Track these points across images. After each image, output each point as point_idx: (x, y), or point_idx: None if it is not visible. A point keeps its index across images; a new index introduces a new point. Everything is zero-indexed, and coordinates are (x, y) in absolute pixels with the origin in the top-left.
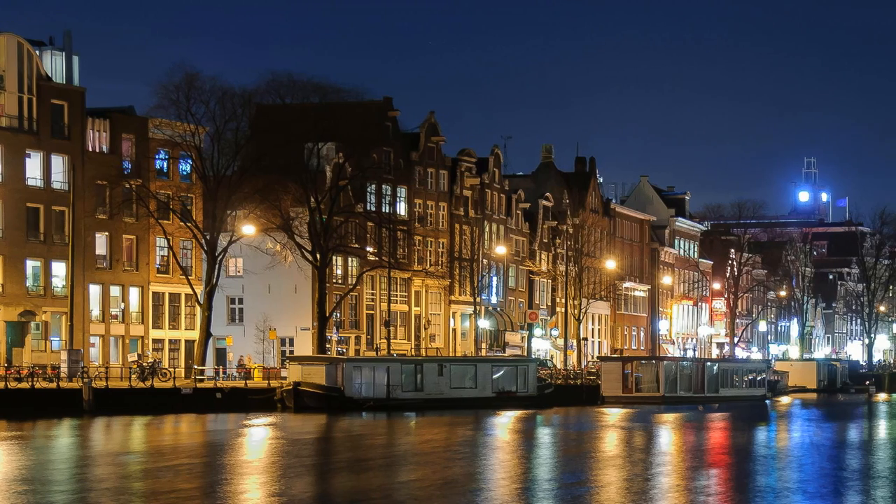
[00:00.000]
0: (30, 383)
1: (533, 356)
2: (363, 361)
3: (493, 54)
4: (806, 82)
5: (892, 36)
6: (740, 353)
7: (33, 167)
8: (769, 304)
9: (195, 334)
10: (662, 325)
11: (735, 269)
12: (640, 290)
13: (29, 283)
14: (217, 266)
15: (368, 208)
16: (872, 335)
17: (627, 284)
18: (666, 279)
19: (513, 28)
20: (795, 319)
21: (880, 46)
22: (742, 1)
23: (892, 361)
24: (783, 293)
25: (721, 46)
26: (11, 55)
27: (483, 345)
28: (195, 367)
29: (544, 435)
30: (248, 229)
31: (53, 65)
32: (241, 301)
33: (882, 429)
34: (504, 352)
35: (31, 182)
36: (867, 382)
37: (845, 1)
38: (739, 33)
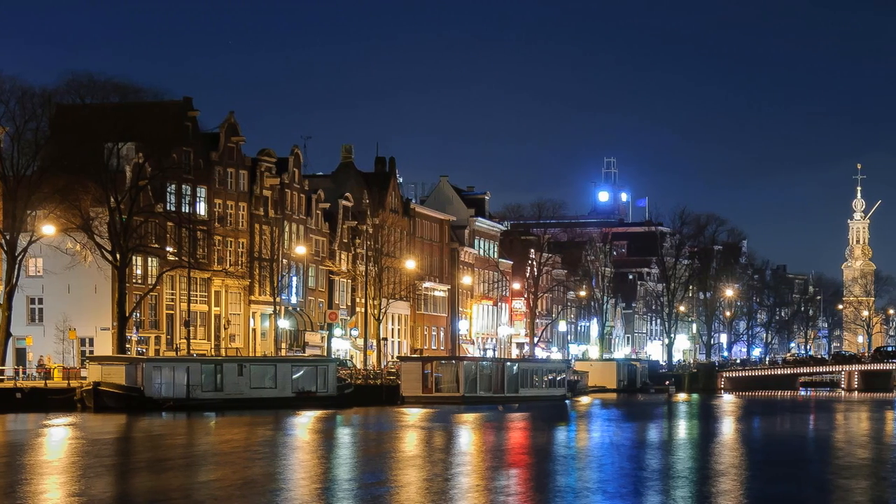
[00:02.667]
0: None
1: (333, 356)
2: (163, 361)
3: (293, 54)
4: (605, 82)
5: (691, 37)
6: (540, 353)
7: None
8: (569, 304)
9: None
10: (462, 325)
11: (535, 269)
12: (440, 290)
13: None
14: (17, 266)
15: (168, 208)
16: (672, 335)
17: (427, 284)
18: (466, 279)
19: (313, 28)
20: (595, 319)
21: (679, 47)
22: (543, 0)
23: (691, 361)
24: (583, 293)
25: (519, 46)
26: None
27: (283, 345)
28: None
29: (344, 435)
30: (48, 229)
31: None
32: (41, 301)
33: (682, 429)
34: (304, 352)
35: None
36: (667, 382)
37: (643, 1)
38: (537, 32)
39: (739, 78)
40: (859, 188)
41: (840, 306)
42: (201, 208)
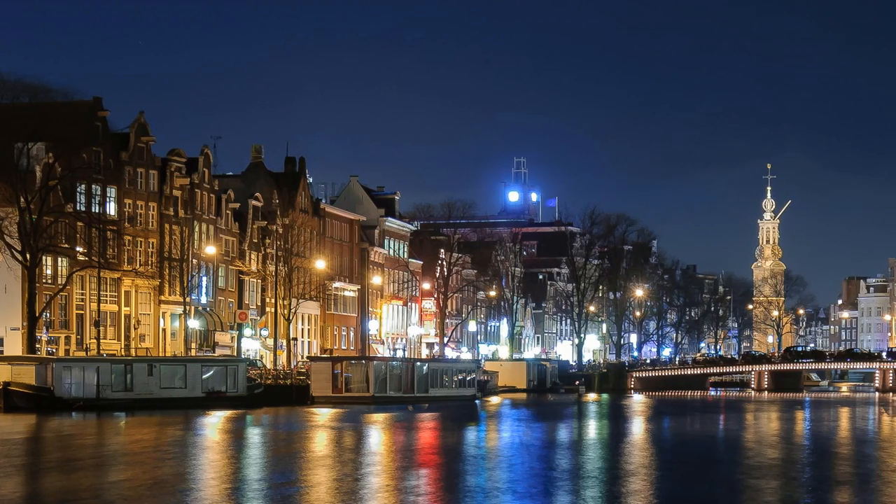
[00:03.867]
0: None
1: (243, 356)
2: (73, 361)
3: (203, 54)
4: (515, 82)
5: (598, 37)
6: (450, 353)
7: None
8: (479, 304)
9: None
10: (372, 325)
11: (445, 269)
12: (349, 290)
13: None
14: None
15: (78, 208)
16: (582, 335)
17: (337, 284)
18: (376, 279)
19: (222, 28)
20: (505, 319)
21: (587, 47)
22: (448, 1)
23: (601, 361)
24: (493, 293)
25: (429, 46)
26: None
27: (193, 345)
28: None
29: (254, 435)
30: None
31: None
32: None
33: (592, 429)
34: (214, 352)
35: None
36: (577, 382)
37: (553, 1)
38: (447, 33)
39: (647, 78)
40: (769, 188)
41: (750, 306)
42: (111, 208)
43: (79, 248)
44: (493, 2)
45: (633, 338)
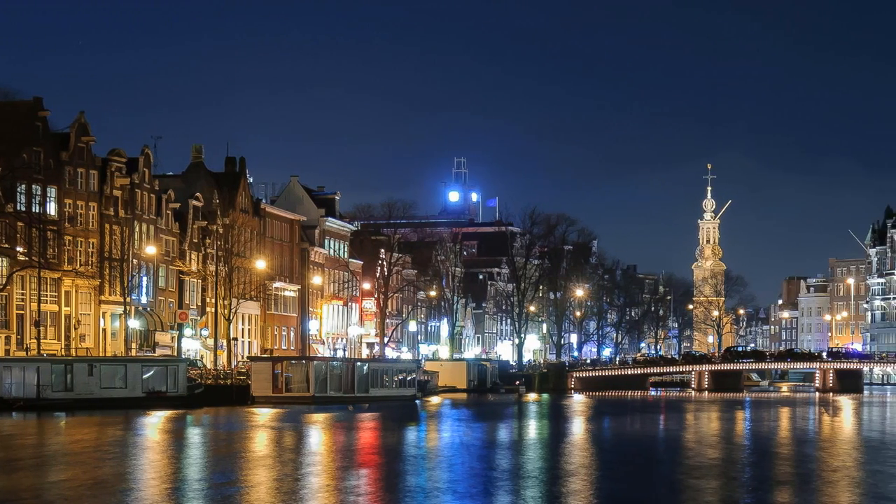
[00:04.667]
0: None
1: (183, 356)
2: (13, 361)
3: (144, 54)
4: (456, 82)
5: (539, 36)
6: (390, 353)
7: None
8: (419, 304)
9: None
10: (313, 325)
11: (385, 269)
12: (290, 290)
13: None
14: None
15: (18, 208)
16: (522, 335)
17: (278, 284)
18: (316, 279)
19: (163, 28)
20: (446, 319)
21: (527, 46)
22: (389, 0)
23: (541, 361)
24: (433, 293)
25: (368, 46)
26: None
27: (133, 345)
28: None
29: (194, 435)
30: None
31: None
32: None
33: (532, 429)
34: (154, 352)
35: None
36: (517, 382)
37: (494, 1)
38: (386, 32)
39: (588, 78)
40: (709, 188)
41: (690, 306)
42: (52, 208)
43: (19, 248)
44: (434, 1)
45: (574, 338)
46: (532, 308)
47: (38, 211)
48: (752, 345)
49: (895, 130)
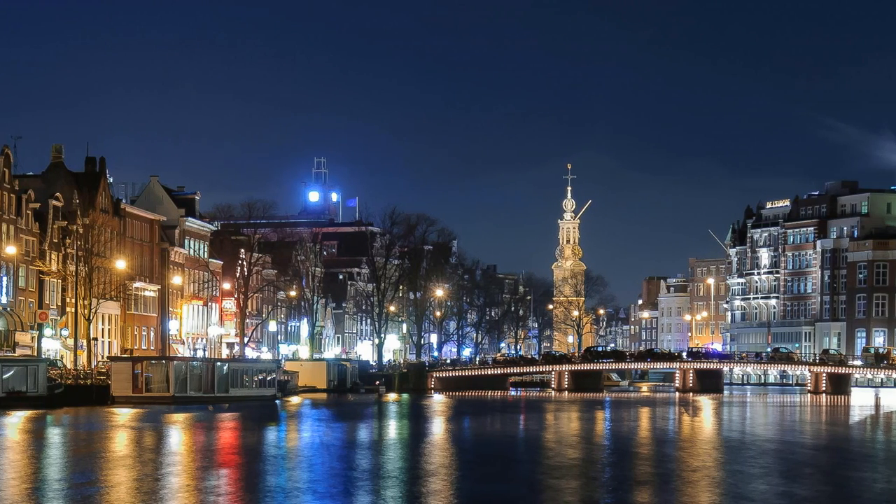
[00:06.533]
0: None
1: (43, 356)
2: None
3: (1, 54)
4: (315, 82)
5: (396, 36)
6: (250, 353)
7: None
8: (279, 304)
9: None
10: (173, 325)
11: (245, 269)
12: (150, 290)
13: None
14: None
15: None
16: (382, 335)
17: (138, 284)
18: (176, 279)
19: (22, 27)
20: (306, 319)
21: (385, 46)
22: (248, 1)
23: (401, 361)
24: (293, 293)
25: (228, 45)
26: None
27: None
28: None
29: (54, 435)
30: None
31: None
32: None
33: (392, 429)
34: (14, 352)
35: None
36: (377, 382)
37: (352, 1)
38: (247, 32)
39: (448, 78)
40: (569, 188)
41: (550, 306)
42: None
43: None
44: (293, 2)
45: (434, 338)
46: (392, 308)
47: None
48: (613, 345)
49: (755, 131)
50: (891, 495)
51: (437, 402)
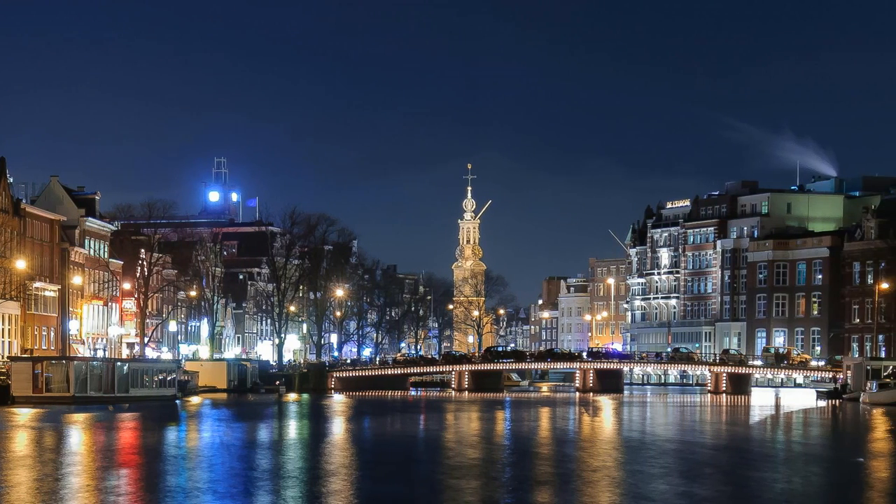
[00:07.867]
0: None
1: None
2: None
3: None
4: (214, 81)
5: (296, 36)
6: (151, 353)
7: None
8: (180, 304)
9: None
10: (73, 325)
11: (145, 269)
12: (50, 290)
13: None
14: None
15: None
16: (282, 335)
17: (38, 284)
18: (76, 279)
19: None
20: (206, 319)
21: (285, 46)
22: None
23: (302, 361)
24: (194, 293)
25: (127, 45)
26: None
27: None
28: None
29: None
30: None
31: None
32: None
33: (292, 429)
34: None
35: None
36: (277, 382)
37: (252, 0)
38: (146, 32)
39: (348, 77)
40: (470, 188)
41: (451, 306)
42: None
43: None
44: (192, 1)
45: (334, 338)
46: (292, 308)
47: None
48: (513, 345)
49: (655, 131)
50: (790, 495)
51: (338, 402)
